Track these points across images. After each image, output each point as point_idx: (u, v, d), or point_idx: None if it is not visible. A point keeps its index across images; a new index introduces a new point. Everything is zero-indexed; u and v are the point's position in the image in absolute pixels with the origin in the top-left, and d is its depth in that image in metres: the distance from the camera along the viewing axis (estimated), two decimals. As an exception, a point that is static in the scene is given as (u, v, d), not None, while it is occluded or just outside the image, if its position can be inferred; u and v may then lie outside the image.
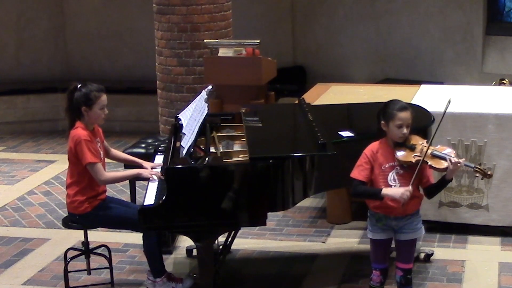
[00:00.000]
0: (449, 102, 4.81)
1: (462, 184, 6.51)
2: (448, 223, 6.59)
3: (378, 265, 4.95)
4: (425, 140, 4.81)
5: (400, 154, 4.73)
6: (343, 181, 5.44)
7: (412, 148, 4.74)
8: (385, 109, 4.77)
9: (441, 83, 9.14)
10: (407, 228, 4.84)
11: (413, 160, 4.69)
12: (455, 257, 6.17)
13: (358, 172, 4.78)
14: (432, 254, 6.11)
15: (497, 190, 6.43)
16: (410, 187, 4.63)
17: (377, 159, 4.77)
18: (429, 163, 4.70)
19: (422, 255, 6.08)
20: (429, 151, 4.70)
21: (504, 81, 8.77)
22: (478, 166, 4.74)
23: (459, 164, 4.66)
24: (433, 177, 4.87)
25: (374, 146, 4.82)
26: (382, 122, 4.76)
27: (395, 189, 4.68)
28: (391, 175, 4.75)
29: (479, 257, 6.16)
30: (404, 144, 4.76)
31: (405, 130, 4.71)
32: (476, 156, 6.38)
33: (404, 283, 4.93)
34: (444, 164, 4.69)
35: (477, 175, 4.80)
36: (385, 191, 4.68)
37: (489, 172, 4.74)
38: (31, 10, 10.56)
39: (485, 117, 6.36)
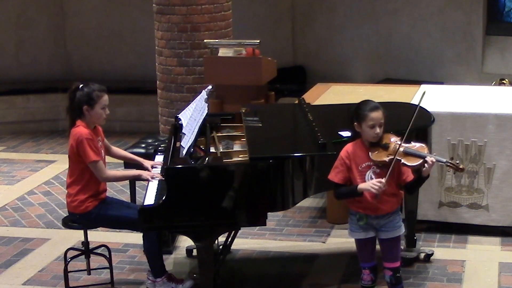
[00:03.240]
0: (424, 94, 4.93)
1: (462, 184, 6.51)
2: (448, 223, 6.59)
3: (366, 264, 4.96)
4: (399, 138, 4.81)
5: (374, 154, 4.76)
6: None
7: (385, 147, 4.76)
8: (357, 111, 4.81)
9: (441, 83, 9.14)
10: (388, 226, 4.86)
11: (387, 159, 4.72)
12: (455, 257, 6.17)
13: (335, 175, 4.82)
14: (432, 254, 6.11)
15: (497, 190, 6.43)
16: (383, 179, 4.65)
17: (353, 159, 4.79)
18: (402, 161, 4.72)
19: (422, 255, 6.09)
20: (401, 149, 4.72)
21: (504, 81, 8.78)
22: (449, 161, 4.75)
23: (433, 161, 4.68)
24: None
25: (349, 147, 4.86)
26: (355, 123, 4.79)
27: (367, 183, 4.71)
28: (368, 174, 4.77)
29: (479, 257, 6.16)
30: (378, 143, 4.79)
31: (378, 130, 4.73)
32: (476, 156, 6.38)
33: (394, 282, 4.94)
34: (417, 161, 4.71)
35: (449, 170, 4.81)
36: (360, 186, 4.73)
37: (461, 166, 4.73)
38: (31, 10, 10.56)
39: (485, 117, 6.36)
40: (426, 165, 4.67)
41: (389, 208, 4.82)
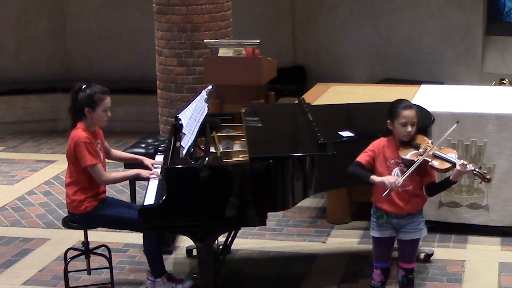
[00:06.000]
0: (457, 123, 4.97)
1: (462, 184, 6.50)
2: (448, 223, 6.59)
3: (379, 264, 4.97)
4: (431, 141, 4.87)
5: (403, 152, 4.80)
6: (343, 181, 5.44)
7: (416, 147, 4.81)
8: (391, 108, 4.86)
9: (441, 83, 9.15)
10: (409, 227, 4.86)
11: (415, 159, 4.74)
12: (455, 257, 6.17)
13: (361, 157, 4.85)
14: (432, 254, 6.11)
15: (497, 190, 6.43)
16: (399, 178, 4.67)
17: (383, 153, 4.83)
18: (430, 163, 4.74)
19: (422, 255, 6.09)
20: (431, 151, 4.74)
21: (504, 81, 8.78)
22: (477, 170, 4.76)
23: (467, 167, 4.67)
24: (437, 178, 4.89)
25: (383, 140, 4.90)
26: (388, 121, 4.83)
27: (382, 177, 4.73)
28: (395, 171, 4.80)
29: (479, 257, 6.16)
30: (409, 143, 4.83)
31: (409, 128, 4.77)
32: (476, 156, 6.38)
33: (406, 283, 4.96)
34: (445, 165, 4.75)
35: (476, 178, 4.82)
36: (373, 177, 4.74)
37: (487, 176, 4.76)
38: (31, 10, 10.56)
39: (485, 117, 6.36)
40: (457, 168, 4.67)
41: (411, 208, 4.84)
